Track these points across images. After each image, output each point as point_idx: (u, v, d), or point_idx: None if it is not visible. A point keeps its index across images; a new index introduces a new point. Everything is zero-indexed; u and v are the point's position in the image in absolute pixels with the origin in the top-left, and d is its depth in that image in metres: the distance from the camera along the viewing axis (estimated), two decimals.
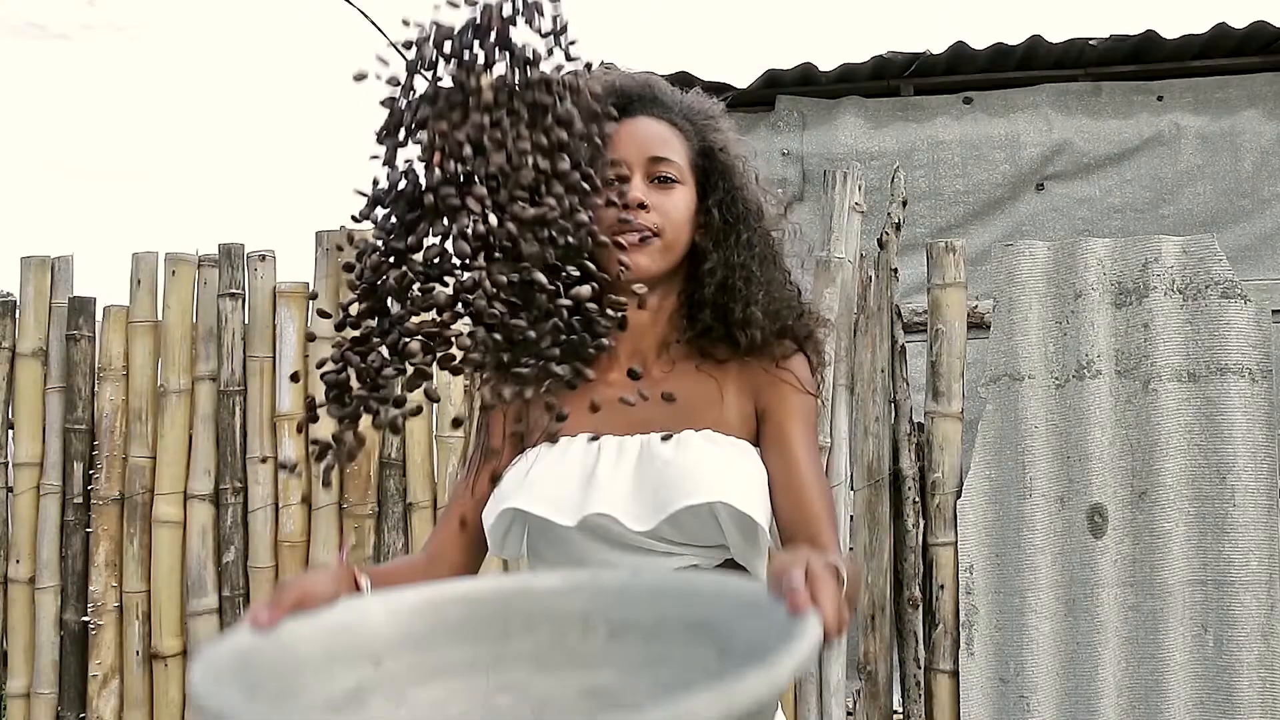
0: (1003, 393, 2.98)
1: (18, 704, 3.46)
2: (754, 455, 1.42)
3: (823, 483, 1.41)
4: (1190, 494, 2.88)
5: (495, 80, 1.06)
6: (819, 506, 1.37)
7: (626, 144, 1.43)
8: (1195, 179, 4.84)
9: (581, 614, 0.99)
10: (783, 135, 4.99)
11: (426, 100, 1.08)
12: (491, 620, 1.01)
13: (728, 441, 1.41)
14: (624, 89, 1.46)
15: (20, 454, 3.49)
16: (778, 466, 1.41)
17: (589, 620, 0.98)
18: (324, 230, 3.37)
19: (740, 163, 1.50)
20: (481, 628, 1.00)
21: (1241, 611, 2.84)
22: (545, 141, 1.08)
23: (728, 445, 1.40)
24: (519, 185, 1.06)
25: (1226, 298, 2.90)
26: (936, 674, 2.99)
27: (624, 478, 1.39)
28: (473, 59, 1.07)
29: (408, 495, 3.28)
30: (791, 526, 1.37)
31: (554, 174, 1.08)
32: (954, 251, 3.07)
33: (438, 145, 1.05)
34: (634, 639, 0.96)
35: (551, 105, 1.08)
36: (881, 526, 3.02)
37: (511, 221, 1.05)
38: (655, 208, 1.42)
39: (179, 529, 3.36)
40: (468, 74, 1.07)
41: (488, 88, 1.06)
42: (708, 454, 1.38)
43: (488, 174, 1.05)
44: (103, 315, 3.49)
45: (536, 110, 1.08)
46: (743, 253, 1.46)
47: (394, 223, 1.09)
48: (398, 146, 1.09)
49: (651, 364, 1.48)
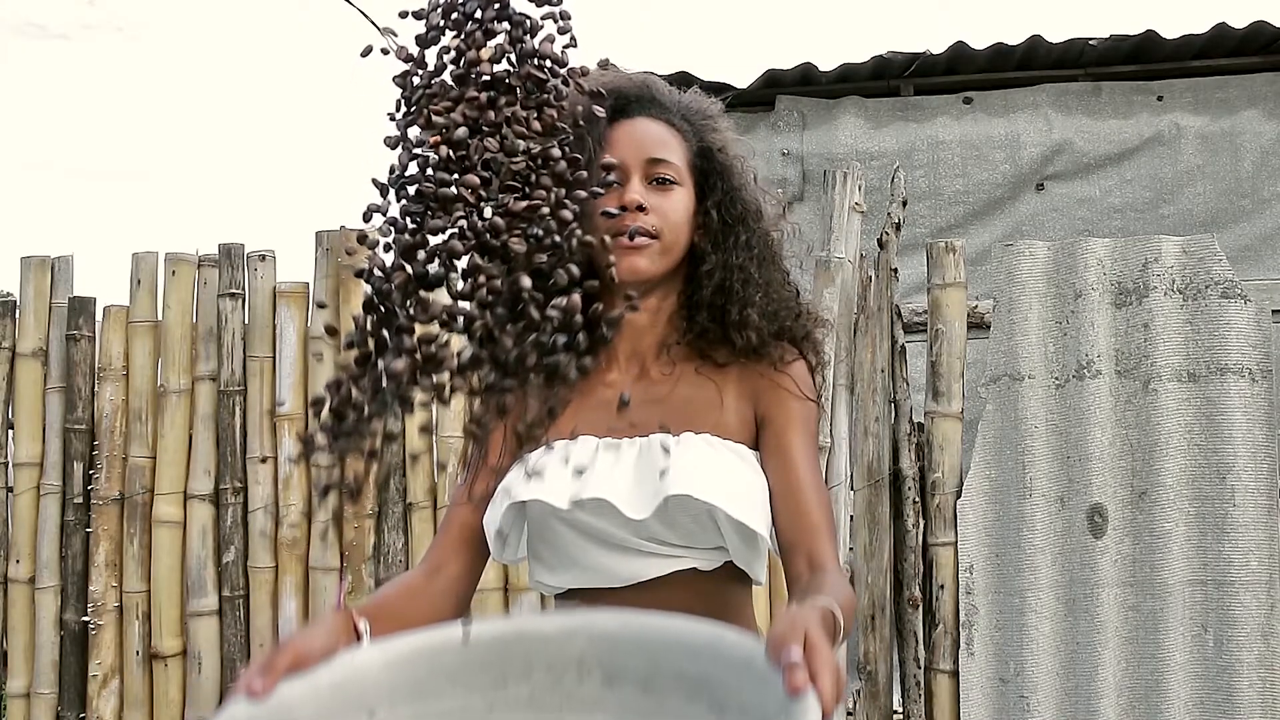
0: (1003, 393, 2.98)
1: (18, 704, 3.46)
2: (753, 460, 1.42)
3: (822, 492, 1.40)
4: (1190, 494, 2.88)
5: (494, 52, 1.03)
6: (818, 516, 1.37)
7: (624, 145, 1.42)
8: (1195, 179, 4.84)
9: (578, 658, 0.99)
10: (783, 135, 4.99)
11: (432, 74, 1.04)
12: (488, 666, 1.00)
13: (726, 447, 1.40)
14: (622, 89, 1.45)
15: (20, 454, 3.49)
16: (777, 475, 1.40)
17: (585, 664, 0.98)
18: (324, 230, 3.37)
19: (739, 163, 1.49)
20: (478, 674, 1.00)
21: (1241, 611, 2.84)
22: (538, 122, 1.04)
23: (726, 451, 1.40)
24: (511, 173, 1.01)
25: (1226, 298, 2.90)
26: (936, 674, 2.99)
27: (623, 470, 1.38)
28: (474, 29, 1.03)
29: (408, 495, 3.28)
30: (790, 537, 1.36)
31: (544, 160, 1.03)
32: (954, 251, 3.07)
33: (438, 127, 1.01)
34: (630, 688, 0.96)
35: (546, 80, 1.04)
36: (881, 526, 3.02)
37: (501, 215, 1.00)
38: (653, 209, 1.41)
39: (179, 529, 3.36)
40: (468, 46, 1.03)
41: (488, 60, 1.02)
42: (707, 458, 1.37)
43: (481, 160, 1.01)
44: (103, 315, 3.49)
45: (531, 84, 1.04)
46: (741, 254, 1.45)
47: (401, 218, 1.04)
48: (407, 126, 1.05)
49: (650, 365, 1.47)
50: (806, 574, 1.33)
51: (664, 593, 1.38)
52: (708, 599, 1.41)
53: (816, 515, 1.37)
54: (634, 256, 1.40)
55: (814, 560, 1.34)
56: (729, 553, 1.39)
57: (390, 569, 3.25)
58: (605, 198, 1.40)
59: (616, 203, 1.40)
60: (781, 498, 1.38)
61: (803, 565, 1.34)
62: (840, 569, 1.35)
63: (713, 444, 1.40)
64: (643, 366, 1.48)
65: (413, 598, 1.37)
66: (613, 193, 1.40)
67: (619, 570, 1.39)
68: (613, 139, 1.43)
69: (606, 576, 1.39)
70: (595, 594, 1.41)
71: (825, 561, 1.33)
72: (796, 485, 1.38)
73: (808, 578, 1.32)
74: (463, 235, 1.01)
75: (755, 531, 1.35)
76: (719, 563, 1.40)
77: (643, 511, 1.35)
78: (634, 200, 1.40)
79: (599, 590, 1.40)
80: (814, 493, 1.38)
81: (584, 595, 1.42)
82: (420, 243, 1.03)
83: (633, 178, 1.42)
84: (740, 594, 1.45)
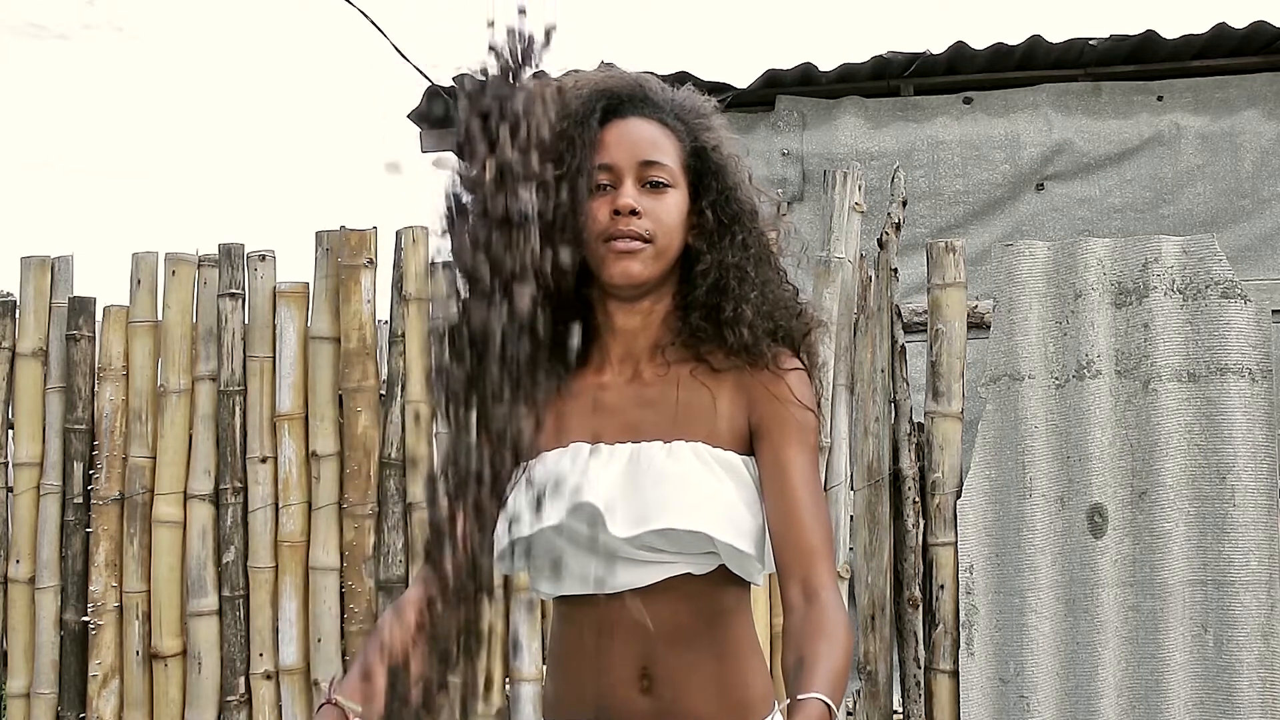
0: (1003, 393, 2.98)
1: (18, 704, 3.46)
2: (745, 471, 1.41)
3: (820, 511, 1.39)
4: (1190, 494, 2.88)
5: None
6: (814, 539, 1.36)
7: (617, 148, 1.41)
8: (1195, 179, 4.84)
9: None
10: (783, 135, 4.99)
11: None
12: None
13: (716, 459, 1.39)
14: (614, 90, 1.44)
15: (20, 454, 3.49)
16: (774, 495, 1.39)
17: None
18: (324, 230, 3.37)
19: (733, 162, 1.48)
20: None
21: (1241, 611, 2.84)
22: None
23: (717, 465, 1.38)
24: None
25: (1226, 298, 2.90)
26: (936, 674, 2.99)
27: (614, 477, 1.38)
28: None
29: (408, 495, 3.28)
30: (786, 559, 1.36)
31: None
32: (954, 251, 3.07)
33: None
34: None
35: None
36: (881, 526, 3.02)
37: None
38: (647, 213, 1.39)
39: (179, 529, 3.36)
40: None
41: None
42: (695, 476, 1.36)
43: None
44: (103, 315, 3.49)
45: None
46: (737, 253, 1.44)
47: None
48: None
49: (644, 368, 1.46)
50: (801, 604, 1.33)
51: (658, 598, 1.38)
52: (701, 603, 1.41)
53: (813, 538, 1.36)
54: (628, 261, 1.39)
55: (809, 587, 1.33)
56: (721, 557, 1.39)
57: (390, 569, 3.25)
58: (598, 202, 1.40)
59: (609, 207, 1.39)
60: (778, 520, 1.37)
61: (797, 594, 1.34)
62: (837, 594, 1.35)
63: (703, 456, 1.39)
64: (636, 369, 1.46)
65: (402, 643, 1.36)
66: (606, 197, 1.40)
67: (612, 578, 1.38)
68: (605, 141, 1.41)
69: (600, 584, 1.39)
70: (591, 600, 1.41)
71: (820, 589, 1.33)
72: (793, 507, 1.37)
73: (802, 610, 1.32)
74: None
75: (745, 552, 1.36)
76: (712, 567, 1.40)
77: (626, 530, 1.35)
78: (627, 205, 1.39)
79: (595, 596, 1.40)
80: (811, 514, 1.37)
81: (580, 600, 1.43)
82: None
83: (625, 181, 1.40)
84: (735, 597, 1.45)
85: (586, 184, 1.38)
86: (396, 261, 3.33)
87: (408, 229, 3.32)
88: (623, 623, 1.40)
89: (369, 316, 3.32)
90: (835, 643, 1.27)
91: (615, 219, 1.38)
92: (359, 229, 3.35)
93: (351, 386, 3.30)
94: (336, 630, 3.28)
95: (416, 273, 3.31)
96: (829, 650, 1.26)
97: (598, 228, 1.39)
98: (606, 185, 1.40)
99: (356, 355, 3.31)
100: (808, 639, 1.28)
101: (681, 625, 1.40)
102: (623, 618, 1.39)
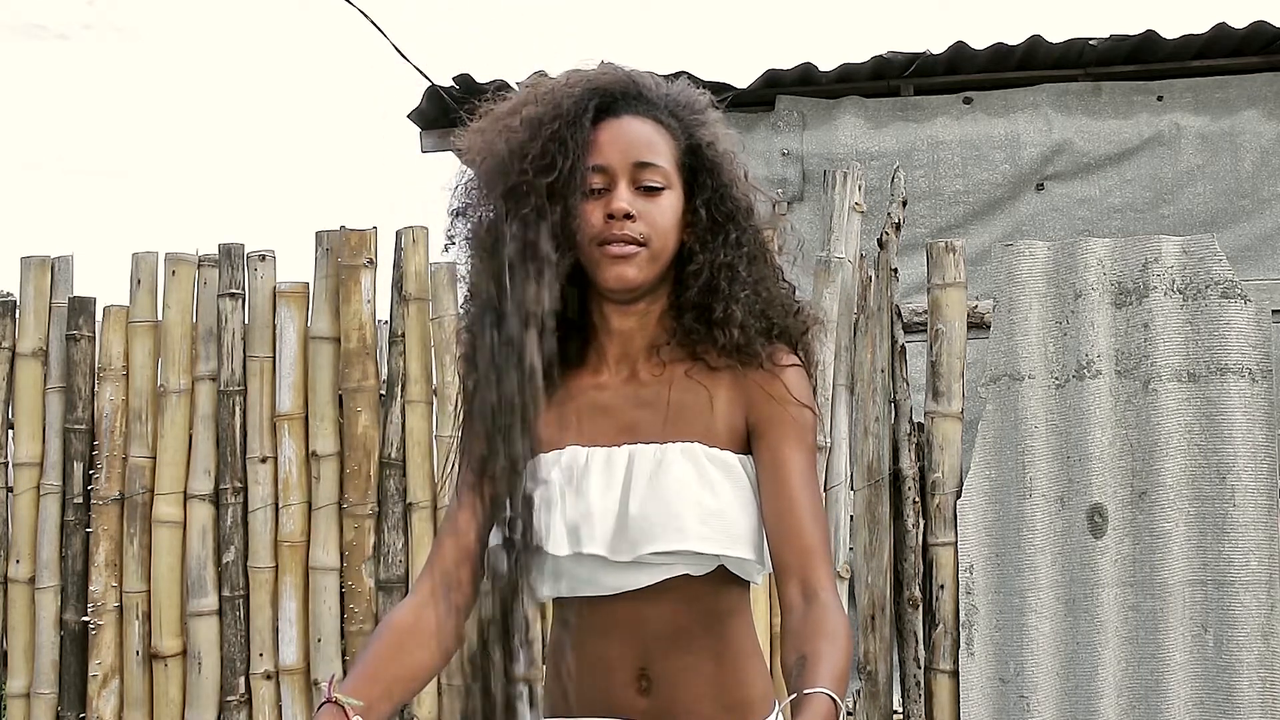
0: (1003, 393, 2.98)
1: (18, 704, 3.46)
2: (741, 471, 1.40)
3: (818, 510, 1.39)
4: (1190, 494, 2.88)
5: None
6: (812, 539, 1.35)
7: (611, 149, 1.39)
8: (1195, 179, 4.84)
9: None
10: (783, 135, 4.99)
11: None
12: None
13: (712, 461, 1.38)
14: (606, 87, 1.42)
15: (20, 454, 3.49)
16: (771, 495, 1.38)
17: None
18: (324, 230, 3.37)
19: (728, 159, 1.46)
20: None
21: (1241, 611, 2.84)
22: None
23: (712, 468, 1.38)
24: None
25: (1226, 298, 2.89)
26: (936, 674, 2.99)
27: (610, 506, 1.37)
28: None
29: (408, 495, 3.28)
30: (784, 560, 1.35)
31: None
32: (954, 251, 3.07)
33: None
34: None
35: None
36: (881, 526, 3.02)
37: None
38: (641, 216, 1.38)
39: (179, 529, 3.36)
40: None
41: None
42: (691, 489, 1.36)
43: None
44: (103, 315, 3.49)
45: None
46: (730, 251, 1.42)
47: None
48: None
49: (640, 368, 1.45)
50: (801, 604, 1.32)
51: (657, 599, 1.38)
52: (701, 604, 1.41)
53: (811, 538, 1.35)
54: (622, 266, 1.37)
55: (807, 587, 1.33)
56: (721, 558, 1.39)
57: (390, 569, 3.25)
58: (592, 205, 1.39)
59: (603, 211, 1.38)
60: (776, 520, 1.37)
61: (796, 594, 1.33)
62: (835, 594, 1.34)
63: (698, 457, 1.38)
64: (633, 369, 1.45)
65: (402, 648, 1.34)
66: (599, 200, 1.39)
67: (610, 581, 1.38)
68: (599, 140, 1.39)
69: (598, 586, 1.39)
70: (589, 601, 1.41)
71: (819, 589, 1.32)
72: (791, 507, 1.36)
73: (802, 610, 1.32)
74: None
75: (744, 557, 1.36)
76: (711, 567, 1.39)
77: (626, 555, 1.35)
78: (621, 209, 1.37)
79: (593, 598, 1.41)
80: (809, 514, 1.36)
81: (578, 602, 1.42)
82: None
83: (619, 183, 1.39)
84: (734, 597, 1.44)
85: (580, 186, 1.37)
86: (396, 261, 3.33)
87: (408, 229, 3.32)
88: (622, 624, 1.40)
89: (369, 316, 3.32)
90: (836, 642, 1.27)
91: (609, 223, 1.37)
92: (359, 229, 3.35)
93: (351, 386, 3.30)
94: (336, 630, 3.28)
95: (416, 273, 3.31)
96: (831, 649, 1.26)
97: (591, 231, 1.37)
98: (600, 188, 1.39)
99: (356, 355, 3.31)
100: (809, 638, 1.27)
101: (680, 626, 1.40)
102: (622, 619, 1.39)
